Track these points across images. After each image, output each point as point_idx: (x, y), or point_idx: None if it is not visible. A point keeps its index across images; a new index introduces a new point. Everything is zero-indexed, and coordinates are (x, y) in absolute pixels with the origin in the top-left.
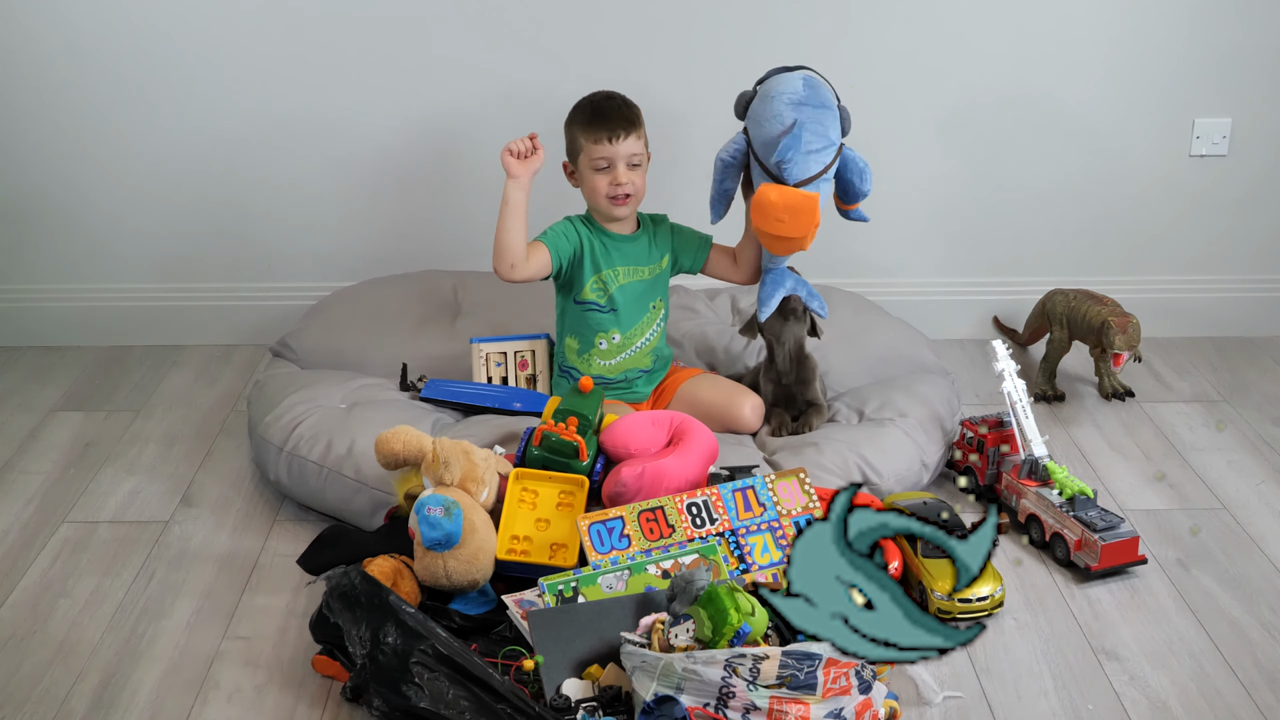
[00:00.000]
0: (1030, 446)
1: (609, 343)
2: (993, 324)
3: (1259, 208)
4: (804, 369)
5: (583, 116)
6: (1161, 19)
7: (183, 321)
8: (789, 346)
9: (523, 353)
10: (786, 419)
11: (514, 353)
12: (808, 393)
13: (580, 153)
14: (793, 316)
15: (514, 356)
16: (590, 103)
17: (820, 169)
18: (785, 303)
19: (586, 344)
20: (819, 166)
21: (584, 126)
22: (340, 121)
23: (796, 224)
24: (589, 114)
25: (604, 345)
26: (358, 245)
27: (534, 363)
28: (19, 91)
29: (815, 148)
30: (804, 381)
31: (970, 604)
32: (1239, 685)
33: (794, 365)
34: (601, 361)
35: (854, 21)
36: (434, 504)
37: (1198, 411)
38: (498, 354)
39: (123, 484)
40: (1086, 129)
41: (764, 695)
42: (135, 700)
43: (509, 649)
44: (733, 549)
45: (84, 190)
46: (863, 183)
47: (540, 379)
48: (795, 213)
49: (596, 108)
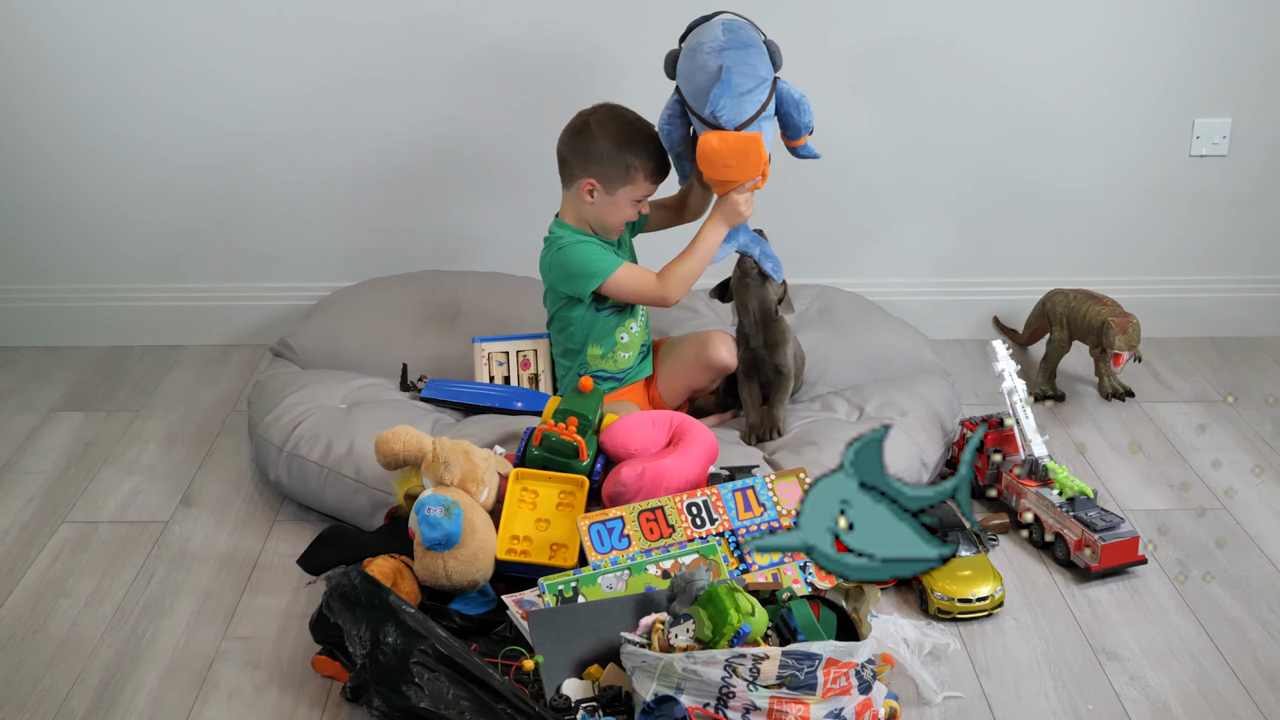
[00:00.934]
0: (1030, 446)
1: (629, 335)
2: (993, 324)
3: (1259, 208)
4: (772, 333)
5: (649, 158)
6: (1161, 19)
7: (183, 321)
8: (752, 309)
9: (525, 352)
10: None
11: (516, 352)
12: (775, 356)
13: (630, 185)
14: (750, 278)
15: (516, 356)
16: (655, 144)
17: (756, 109)
18: (741, 262)
19: (609, 344)
20: (755, 106)
21: (652, 170)
22: (340, 121)
23: (745, 167)
24: (657, 158)
25: (625, 339)
26: (358, 245)
27: (536, 362)
28: (19, 91)
29: (747, 88)
30: (772, 345)
31: (970, 604)
32: (1239, 685)
33: (760, 329)
34: (624, 354)
35: (853, 21)
36: (434, 504)
37: (1197, 411)
38: (500, 353)
39: (123, 484)
40: (1087, 129)
41: (764, 695)
42: (135, 700)
43: (509, 649)
44: (733, 549)
45: (84, 190)
46: (799, 114)
47: (543, 378)
48: (741, 157)
49: (662, 153)
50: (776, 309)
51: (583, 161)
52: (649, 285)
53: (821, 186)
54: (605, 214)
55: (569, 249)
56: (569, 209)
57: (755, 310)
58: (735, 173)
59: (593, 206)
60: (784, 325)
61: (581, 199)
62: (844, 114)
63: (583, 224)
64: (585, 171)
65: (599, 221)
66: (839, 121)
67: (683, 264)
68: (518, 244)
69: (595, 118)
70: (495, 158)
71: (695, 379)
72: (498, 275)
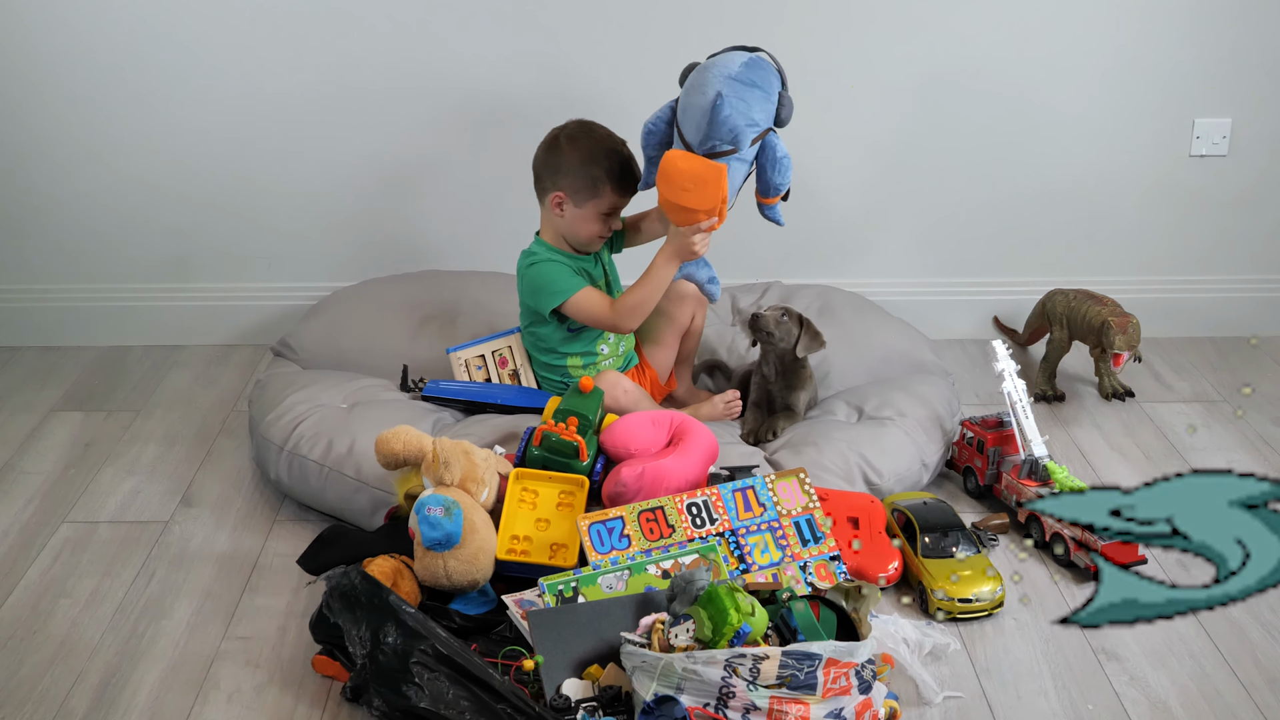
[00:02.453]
0: (1030, 446)
1: (608, 344)
2: (993, 324)
3: (1259, 208)
4: (792, 378)
5: (614, 171)
6: (1161, 19)
7: (183, 321)
8: (772, 358)
9: (500, 351)
10: (760, 423)
11: (492, 353)
12: (788, 399)
13: (597, 198)
14: (763, 338)
15: (493, 356)
16: (620, 158)
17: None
18: (754, 321)
19: (590, 355)
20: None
21: (616, 183)
22: (340, 122)
23: (701, 195)
24: (621, 172)
25: (604, 349)
26: (358, 245)
27: (513, 358)
28: (19, 91)
29: (732, 123)
30: (788, 389)
31: (970, 604)
32: (1239, 685)
33: (780, 375)
34: (607, 362)
35: (853, 21)
36: (434, 504)
37: (1197, 411)
38: (476, 358)
39: (123, 484)
40: (1087, 129)
41: (764, 695)
42: (135, 700)
43: (509, 649)
44: (733, 549)
45: (84, 190)
46: (775, 172)
47: (523, 372)
48: (700, 183)
49: (626, 166)
50: (795, 351)
51: (553, 175)
52: (603, 312)
53: (822, 186)
54: (576, 227)
55: (538, 265)
56: (546, 225)
57: (774, 360)
58: (691, 199)
59: (563, 220)
60: (807, 372)
61: (552, 212)
62: (844, 113)
63: (559, 241)
64: (555, 185)
65: (572, 235)
66: (839, 121)
67: (634, 294)
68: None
69: (565, 133)
70: (496, 158)
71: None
72: (498, 275)
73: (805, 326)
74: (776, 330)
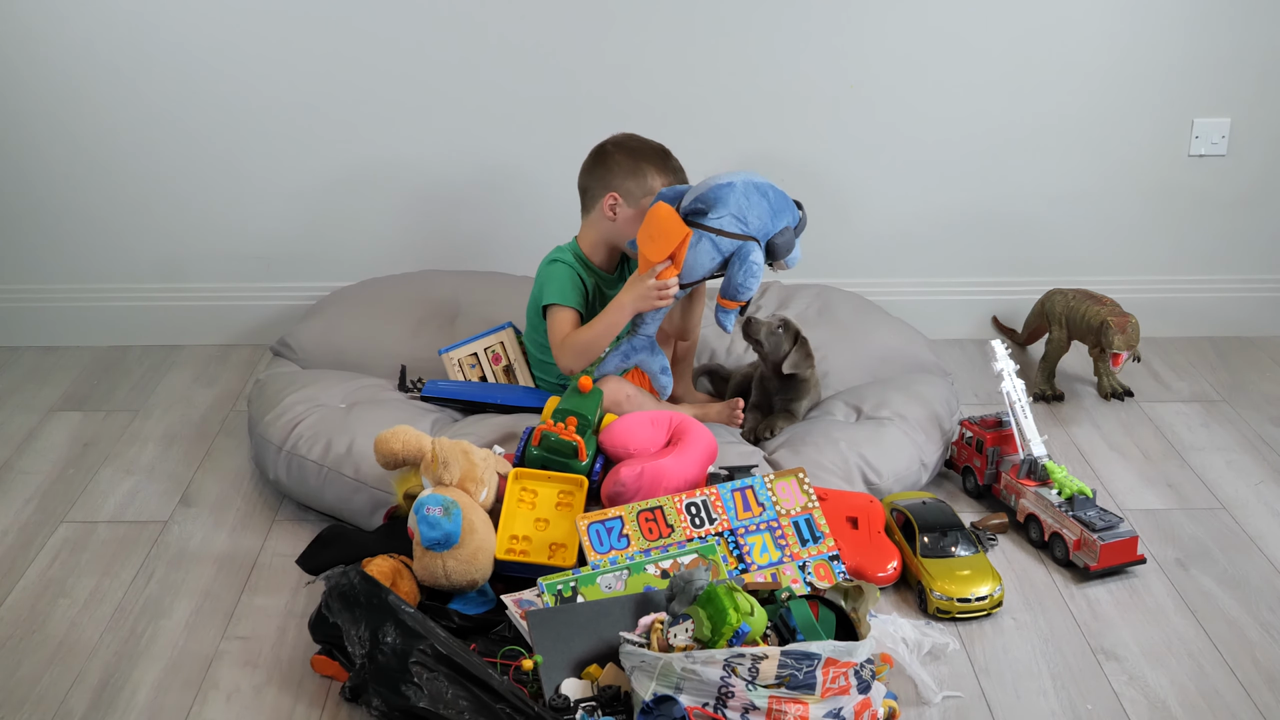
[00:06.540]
0: (1029, 446)
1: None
2: (992, 324)
3: (1258, 208)
4: (792, 389)
5: (658, 158)
6: (1161, 19)
7: (182, 321)
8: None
9: (492, 347)
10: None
11: (484, 350)
12: (789, 406)
13: (648, 195)
14: (753, 344)
15: (486, 354)
16: (663, 151)
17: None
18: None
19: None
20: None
21: (660, 167)
22: (340, 122)
23: (655, 245)
24: (663, 156)
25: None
26: (358, 245)
27: (506, 353)
28: (19, 91)
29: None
30: (789, 398)
31: (969, 603)
32: (1238, 685)
33: (780, 383)
34: None
35: (855, 22)
36: (433, 504)
37: (1197, 411)
38: (469, 356)
39: (122, 484)
40: (1086, 129)
41: (763, 695)
42: (134, 700)
43: (508, 649)
44: (732, 549)
45: (84, 190)
46: (738, 274)
47: (517, 367)
48: (661, 234)
49: (668, 157)
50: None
51: (603, 181)
52: (556, 339)
53: (821, 186)
54: (626, 229)
55: (556, 265)
56: (587, 233)
57: (769, 368)
58: (647, 243)
59: (614, 224)
60: (811, 385)
61: (604, 217)
62: (844, 113)
63: (596, 250)
64: (606, 189)
65: (621, 238)
66: (839, 121)
67: (584, 333)
68: (517, 244)
69: (612, 141)
70: (495, 157)
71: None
72: (498, 275)
73: (800, 344)
74: (766, 341)
